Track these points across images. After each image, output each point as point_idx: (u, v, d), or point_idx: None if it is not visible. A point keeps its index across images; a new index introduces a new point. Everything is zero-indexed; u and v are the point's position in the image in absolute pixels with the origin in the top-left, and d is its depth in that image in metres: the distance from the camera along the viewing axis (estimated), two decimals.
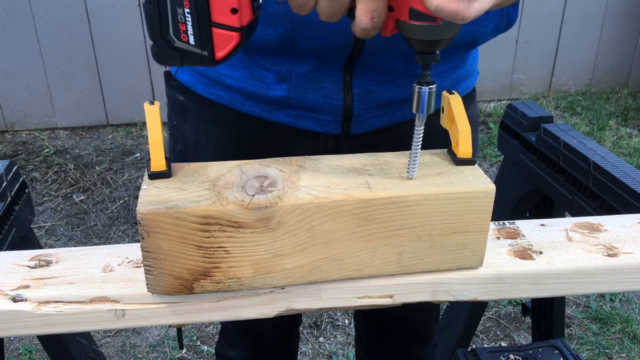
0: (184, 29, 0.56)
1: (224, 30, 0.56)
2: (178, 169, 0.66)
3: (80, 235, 2.80)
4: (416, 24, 0.56)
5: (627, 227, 0.77)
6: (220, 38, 0.56)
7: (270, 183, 0.63)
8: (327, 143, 0.98)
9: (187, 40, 0.56)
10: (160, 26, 0.56)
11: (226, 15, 0.55)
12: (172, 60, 0.58)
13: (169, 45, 0.57)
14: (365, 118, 0.95)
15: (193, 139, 1.04)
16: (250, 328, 1.28)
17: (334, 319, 2.37)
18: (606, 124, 3.88)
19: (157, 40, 0.57)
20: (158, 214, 0.57)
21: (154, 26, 0.56)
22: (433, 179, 0.64)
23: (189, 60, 0.57)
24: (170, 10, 0.55)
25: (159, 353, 2.20)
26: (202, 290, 0.62)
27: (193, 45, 0.56)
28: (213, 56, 0.57)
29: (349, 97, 0.92)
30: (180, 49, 0.57)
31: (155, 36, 0.56)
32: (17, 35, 3.54)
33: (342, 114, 0.94)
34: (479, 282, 0.69)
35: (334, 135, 0.97)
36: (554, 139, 1.23)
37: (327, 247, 0.62)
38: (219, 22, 0.55)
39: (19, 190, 1.11)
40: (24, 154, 3.50)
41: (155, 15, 0.55)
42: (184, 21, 0.55)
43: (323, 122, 0.95)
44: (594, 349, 2.22)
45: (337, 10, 0.58)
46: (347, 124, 0.95)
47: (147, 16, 0.56)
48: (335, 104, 0.93)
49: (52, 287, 0.64)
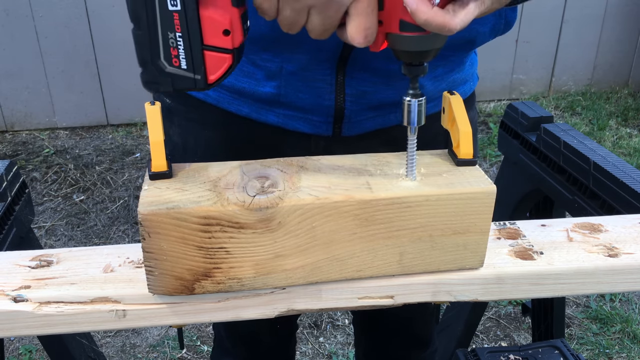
0: (176, 54, 0.55)
1: (216, 53, 0.56)
2: (179, 169, 0.66)
3: (80, 235, 2.80)
4: (407, 35, 0.57)
5: (628, 227, 0.77)
6: (212, 61, 0.56)
7: (271, 183, 0.63)
8: (318, 145, 0.97)
9: (179, 65, 0.56)
10: (151, 52, 0.55)
11: (218, 38, 0.55)
12: (164, 86, 0.56)
13: (160, 71, 0.56)
14: (357, 120, 0.94)
15: (181, 143, 1.02)
16: (244, 335, 1.26)
17: (334, 319, 2.37)
18: (606, 124, 3.88)
19: (147, 66, 0.56)
20: (159, 215, 0.57)
21: (144, 52, 0.55)
22: (434, 180, 0.64)
23: (181, 85, 0.57)
24: (162, 35, 0.54)
25: (159, 353, 2.20)
26: (203, 291, 0.62)
27: (185, 69, 0.56)
28: (206, 80, 0.56)
29: (340, 97, 0.90)
30: (172, 74, 0.56)
31: (146, 62, 0.55)
32: (17, 35, 3.54)
33: (334, 115, 0.92)
34: (480, 283, 0.69)
35: (324, 137, 0.95)
36: (554, 139, 1.23)
37: (328, 248, 0.62)
38: (211, 44, 0.55)
39: (19, 190, 1.11)
40: (24, 154, 3.50)
41: (146, 40, 0.54)
42: (176, 45, 0.55)
43: (313, 123, 0.94)
44: (594, 349, 2.22)
45: (328, 28, 0.59)
46: (338, 126, 0.94)
47: (137, 42, 0.55)
48: (326, 105, 0.91)
49: (53, 287, 0.64)
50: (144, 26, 0.54)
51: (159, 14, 0.53)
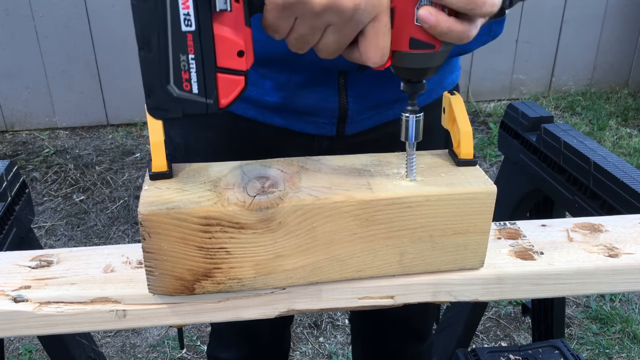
0: (187, 77, 0.51)
1: (229, 75, 0.53)
2: (179, 169, 0.66)
3: (80, 235, 2.80)
4: (416, 53, 0.57)
5: (628, 227, 0.77)
6: (225, 84, 0.53)
7: (272, 184, 0.63)
8: (322, 145, 0.98)
9: (190, 89, 0.52)
10: (160, 76, 0.51)
11: (233, 59, 0.52)
12: (173, 112, 0.53)
13: (169, 96, 0.52)
14: (359, 119, 0.95)
15: (183, 144, 1.02)
16: (246, 328, 1.27)
17: (334, 319, 2.37)
18: (606, 124, 3.88)
19: (156, 92, 0.52)
20: (159, 215, 0.57)
21: (152, 77, 0.51)
22: (434, 180, 0.64)
23: (192, 111, 0.53)
24: (172, 57, 0.50)
25: (159, 353, 2.20)
26: (203, 291, 0.62)
27: (196, 94, 0.52)
28: (218, 104, 0.53)
29: (343, 98, 0.92)
30: (182, 99, 0.52)
31: (154, 88, 0.52)
32: (17, 35, 3.54)
33: (338, 116, 0.94)
34: (480, 283, 0.69)
35: (328, 136, 0.97)
36: (554, 139, 1.23)
37: (328, 248, 0.62)
38: (225, 66, 0.52)
39: (19, 190, 1.11)
40: (24, 154, 3.50)
41: (155, 64, 0.51)
42: (188, 68, 0.51)
43: (318, 125, 0.95)
44: (594, 349, 2.22)
45: (342, 47, 0.58)
46: (341, 126, 0.95)
47: (145, 66, 0.51)
48: (331, 107, 0.92)
49: (53, 287, 0.64)
50: (154, 49, 0.50)
51: (171, 36, 0.50)
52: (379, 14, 0.55)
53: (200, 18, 0.49)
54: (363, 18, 0.55)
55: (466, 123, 0.67)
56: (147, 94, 0.53)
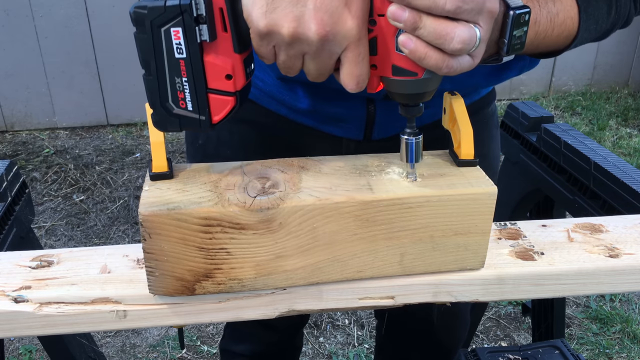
0: (182, 97, 0.59)
1: (219, 96, 0.59)
2: (179, 170, 0.66)
3: (80, 235, 2.80)
4: (399, 79, 0.60)
5: (629, 227, 0.77)
6: (216, 103, 0.60)
7: (272, 184, 0.63)
8: (349, 147, 1.00)
9: (186, 107, 0.60)
10: (160, 95, 0.59)
11: (221, 81, 0.59)
12: (172, 126, 0.61)
13: (169, 112, 0.60)
14: (386, 125, 0.96)
15: (215, 135, 1.05)
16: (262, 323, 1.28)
17: (334, 319, 2.37)
18: (606, 124, 3.88)
19: (157, 108, 0.60)
20: (160, 216, 0.57)
21: (153, 95, 0.59)
22: (435, 181, 0.64)
23: (188, 125, 0.60)
24: (169, 80, 0.58)
25: (159, 353, 2.20)
26: (204, 292, 0.62)
27: (191, 111, 0.60)
28: (210, 120, 0.60)
29: (372, 108, 0.93)
30: (179, 115, 0.60)
31: (155, 104, 0.60)
32: (17, 35, 3.54)
33: (365, 122, 0.95)
34: (481, 283, 0.68)
35: (355, 140, 0.99)
36: (554, 139, 1.23)
37: (329, 249, 0.62)
38: (215, 88, 0.59)
39: (19, 191, 1.11)
40: (24, 154, 3.50)
41: (155, 85, 0.58)
42: (182, 89, 0.59)
43: (346, 129, 0.97)
44: (594, 349, 2.22)
45: (323, 72, 0.61)
46: (369, 130, 0.97)
47: (147, 87, 0.59)
48: (359, 115, 0.94)
49: (53, 287, 0.64)
50: (154, 72, 0.58)
51: (167, 61, 0.57)
52: (350, 44, 0.58)
53: (189, 47, 0.56)
54: (334, 48, 0.58)
55: (467, 123, 0.67)
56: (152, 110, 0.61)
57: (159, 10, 0.54)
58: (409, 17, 0.54)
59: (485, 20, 0.56)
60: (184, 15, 0.55)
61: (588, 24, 0.81)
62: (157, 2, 0.55)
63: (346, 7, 0.56)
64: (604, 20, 0.83)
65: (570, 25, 0.79)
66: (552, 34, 0.78)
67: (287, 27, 0.56)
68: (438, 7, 0.53)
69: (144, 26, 0.55)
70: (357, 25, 0.57)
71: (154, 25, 0.55)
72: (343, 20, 0.56)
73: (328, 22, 0.55)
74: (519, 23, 0.64)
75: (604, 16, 0.83)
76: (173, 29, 0.55)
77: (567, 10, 0.79)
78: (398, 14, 0.54)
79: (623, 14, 0.85)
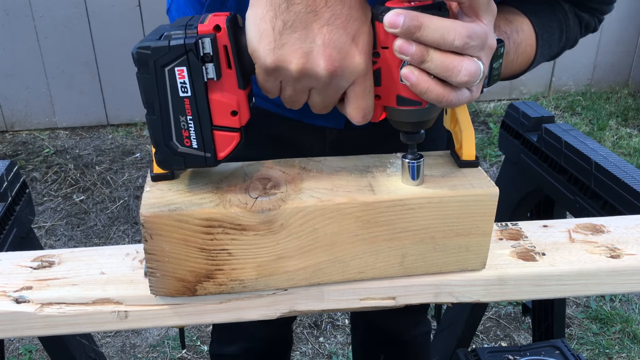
0: (187, 135, 0.58)
1: (225, 132, 0.59)
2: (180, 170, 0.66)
3: (80, 235, 2.80)
4: (404, 109, 0.60)
5: (630, 228, 0.77)
6: (221, 139, 0.59)
7: (274, 185, 0.63)
8: (332, 134, 1.02)
9: (190, 145, 0.59)
10: (164, 134, 0.58)
11: (227, 118, 0.58)
12: (176, 164, 0.60)
13: (173, 151, 0.59)
14: None
15: None
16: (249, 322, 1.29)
17: (334, 319, 2.37)
18: (606, 124, 3.88)
19: (161, 147, 0.59)
20: (161, 217, 0.57)
21: (157, 134, 0.58)
22: (436, 182, 0.64)
23: (193, 163, 0.60)
24: (173, 118, 0.57)
25: (159, 353, 2.20)
26: (205, 292, 0.62)
27: (196, 148, 0.59)
28: (216, 157, 0.60)
29: None
30: (184, 154, 0.59)
31: (159, 144, 0.59)
32: (17, 35, 3.54)
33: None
34: (482, 284, 0.68)
35: (337, 129, 1.01)
36: (555, 139, 1.23)
37: (330, 250, 0.62)
38: (220, 124, 0.58)
39: (19, 191, 1.11)
40: (24, 154, 3.50)
41: (159, 124, 0.58)
42: (187, 127, 0.58)
43: (327, 119, 0.98)
44: (594, 349, 2.22)
45: (329, 105, 0.62)
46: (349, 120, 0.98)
47: (151, 126, 0.58)
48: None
49: (54, 288, 0.64)
50: (157, 111, 0.57)
51: (171, 100, 0.56)
52: (357, 79, 0.58)
53: (195, 86, 0.56)
54: (341, 83, 0.58)
55: (468, 124, 0.67)
56: (155, 149, 0.60)
57: (163, 50, 0.54)
58: (416, 51, 0.54)
59: (486, 55, 0.57)
60: (189, 55, 0.54)
61: (543, 49, 0.88)
62: (160, 42, 0.54)
63: (353, 42, 0.56)
64: (555, 45, 0.90)
65: (530, 52, 0.86)
66: (516, 62, 0.85)
67: (296, 63, 0.56)
68: (447, 42, 0.54)
69: (148, 66, 0.54)
70: (364, 61, 0.57)
71: (158, 65, 0.54)
72: (351, 56, 0.57)
73: (336, 58, 0.56)
74: (496, 56, 0.65)
75: (556, 41, 0.90)
76: (177, 68, 0.55)
77: (527, 38, 0.85)
78: (405, 47, 0.55)
79: (572, 38, 0.93)
